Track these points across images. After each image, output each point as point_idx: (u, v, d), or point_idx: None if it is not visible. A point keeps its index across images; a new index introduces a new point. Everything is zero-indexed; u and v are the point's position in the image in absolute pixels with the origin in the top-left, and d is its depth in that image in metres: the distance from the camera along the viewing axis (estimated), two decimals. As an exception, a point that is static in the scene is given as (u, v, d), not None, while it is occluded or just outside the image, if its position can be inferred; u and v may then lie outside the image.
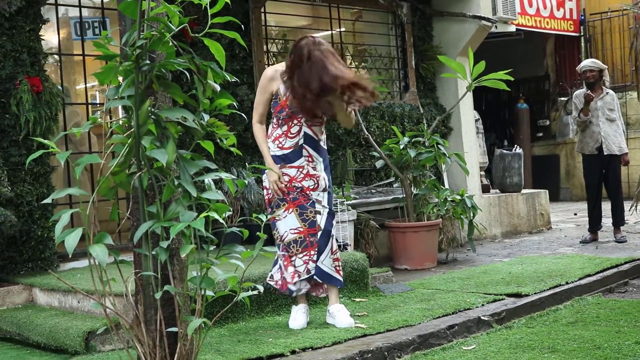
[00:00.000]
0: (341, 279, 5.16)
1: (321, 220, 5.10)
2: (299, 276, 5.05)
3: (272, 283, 5.21)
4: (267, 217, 4.55)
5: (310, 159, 5.12)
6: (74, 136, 6.92)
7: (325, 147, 5.26)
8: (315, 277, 5.08)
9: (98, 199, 2.98)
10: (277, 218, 5.11)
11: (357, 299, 5.89)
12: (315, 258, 5.06)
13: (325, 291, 5.27)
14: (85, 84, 7.64)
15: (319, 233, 5.08)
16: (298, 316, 5.14)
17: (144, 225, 2.87)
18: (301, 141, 5.09)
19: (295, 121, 5.06)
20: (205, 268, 2.96)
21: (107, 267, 2.83)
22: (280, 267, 5.16)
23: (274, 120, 5.16)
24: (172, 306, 2.97)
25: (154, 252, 2.88)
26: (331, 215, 5.17)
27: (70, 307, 5.51)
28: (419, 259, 7.81)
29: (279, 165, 5.09)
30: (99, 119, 3.17)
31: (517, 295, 5.90)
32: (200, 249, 2.93)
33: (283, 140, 5.10)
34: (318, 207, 5.11)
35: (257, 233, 3.21)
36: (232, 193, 3.30)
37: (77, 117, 7.41)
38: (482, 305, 5.61)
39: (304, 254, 5.05)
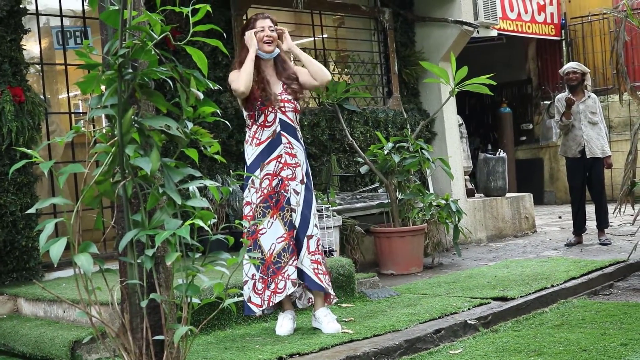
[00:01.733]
0: (321, 284, 5.05)
1: (296, 218, 5.06)
2: (288, 285, 4.99)
3: (255, 309, 5.04)
4: (247, 233, 4.54)
5: (289, 146, 5.12)
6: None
7: (303, 143, 5.27)
8: (302, 282, 5.07)
9: (82, 208, 2.98)
10: (260, 234, 5.01)
11: (344, 305, 5.90)
12: (296, 262, 5.03)
13: (309, 302, 5.26)
14: (68, 93, 7.62)
15: (295, 232, 5.06)
16: (284, 322, 5.12)
17: (129, 233, 2.86)
18: (278, 128, 5.10)
19: (270, 108, 5.09)
20: (191, 275, 2.96)
21: (93, 276, 2.83)
22: (255, 287, 5.04)
23: (248, 122, 5.18)
24: (158, 314, 2.97)
25: (139, 261, 2.88)
26: (306, 212, 5.09)
27: (56, 317, 5.49)
28: (405, 264, 7.82)
29: (258, 169, 5.08)
30: (82, 128, 3.16)
31: (503, 299, 5.92)
32: (186, 257, 2.94)
33: (260, 133, 5.12)
34: (293, 201, 5.06)
35: (241, 240, 3.22)
36: (217, 200, 3.31)
37: (52, 125, 7.37)
38: (469, 309, 5.63)
39: (292, 259, 5.02)
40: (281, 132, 5.12)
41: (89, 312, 2.91)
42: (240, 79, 5.03)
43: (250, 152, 5.17)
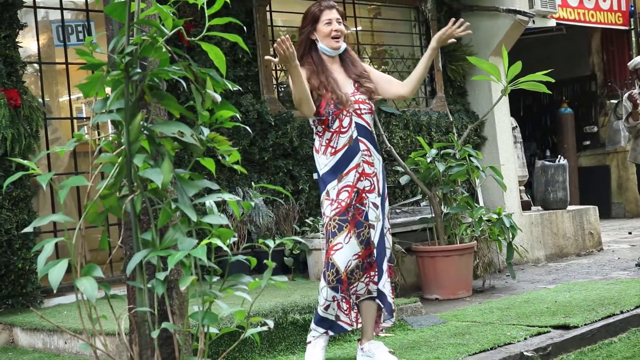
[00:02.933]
0: (392, 303, 5.13)
1: (375, 235, 5.05)
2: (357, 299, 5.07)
3: (346, 327, 5.11)
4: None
5: (368, 154, 5.07)
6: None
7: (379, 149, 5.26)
8: (377, 301, 5.07)
9: (85, 226, 3.00)
10: (333, 250, 4.98)
11: (382, 334, 5.89)
12: (376, 279, 5.04)
13: (378, 328, 5.28)
14: (70, 95, 7.68)
15: (374, 251, 5.04)
16: (315, 352, 5.04)
17: (138, 254, 2.87)
18: (355, 134, 5.04)
19: (344, 112, 5.03)
20: (208, 302, 2.96)
21: (97, 303, 2.84)
22: (340, 307, 5.07)
23: (319, 128, 5.11)
24: (172, 346, 2.98)
25: (149, 285, 2.89)
26: (385, 228, 5.14)
27: (57, 349, 5.53)
28: (452, 287, 7.79)
29: (335, 180, 5.02)
30: (85, 136, 3.19)
31: (565, 327, 5.88)
32: (202, 281, 2.94)
33: (335, 140, 5.05)
34: (372, 217, 5.04)
35: (265, 261, 3.22)
36: (237, 216, 3.31)
37: (56, 132, 7.46)
38: (525, 339, 5.59)
39: (365, 276, 5.03)
40: (358, 137, 5.06)
41: (93, 344, 2.93)
42: (302, 106, 4.98)
43: (325, 162, 5.08)
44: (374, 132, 5.19)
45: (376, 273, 5.03)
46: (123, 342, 3.00)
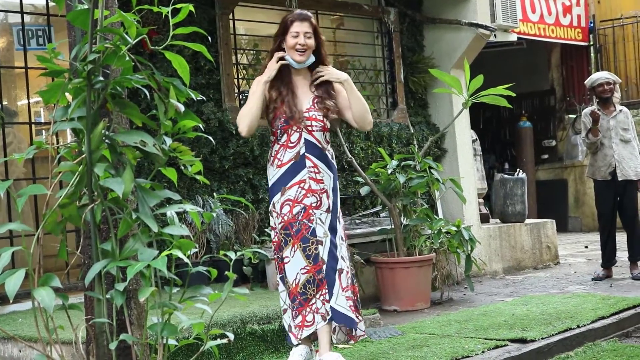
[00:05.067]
0: (357, 319, 5.06)
1: (323, 252, 5.02)
2: (317, 319, 4.99)
3: (294, 340, 5.10)
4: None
5: (315, 170, 5.06)
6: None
7: (334, 165, 5.21)
8: (333, 321, 5.01)
9: (43, 234, 2.97)
10: (285, 262, 5.04)
11: (340, 346, 5.88)
12: (327, 297, 4.99)
13: (350, 337, 5.22)
14: (29, 100, 7.60)
15: (324, 267, 5.01)
16: (292, 359, 5.07)
17: (97, 264, 2.85)
18: (302, 150, 5.04)
19: (294, 127, 5.04)
20: (168, 313, 2.95)
21: (54, 312, 2.81)
22: (292, 318, 5.08)
23: (271, 138, 5.19)
24: (130, 357, 2.96)
25: (108, 296, 2.87)
26: (334, 244, 5.06)
27: (10, 357, 5.46)
28: (410, 299, 7.81)
29: (279, 193, 5.07)
30: (45, 143, 3.15)
31: (522, 341, 5.91)
32: (162, 292, 2.93)
33: (282, 154, 5.08)
34: (319, 232, 5.03)
35: (226, 273, 3.21)
36: (198, 227, 3.30)
37: (9, 136, 7.35)
38: (483, 352, 5.61)
39: (319, 293, 4.99)
40: (306, 154, 5.06)
41: (50, 354, 2.90)
42: (242, 120, 5.09)
43: (272, 174, 5.13)
44: (326, 149, 5.15)
45: (327, 291, 4.99)
46: (80, 352, 2.97)
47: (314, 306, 4.98)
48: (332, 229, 5.08)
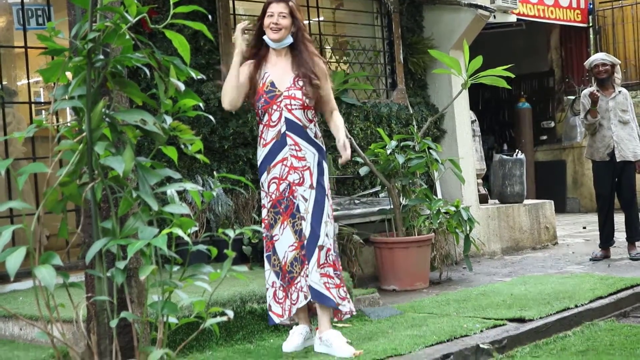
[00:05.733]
0: (333, 298, 5.08)
1: (305, 227, 5.10)
2: (301, 297, 5.10)
3: (276, 319, 5.21)
4: (266, 238, 4.59)
5: (296, 148, 5.14)
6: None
7: (319, 142, 5.26)
8: (310, 299, 5.09)
9: (44, 212, 2.96)
10: (275, 239, 5.14)
11: (340, 325, 5.89)
12: (307, 273, 5.07)
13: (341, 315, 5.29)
14: (28, 79, 7.58)
15: (305, 242, 5.09)
16: (292, 338, 5.18)
17: (98, 243, 2.85)
18: (283, 128, 5.13)
19: (274, 106, 5.14)
20: (168, 291, 2.94)
21: (55, 290, 2.81)
22: (276, 296, 5.18)
23: (257, 119, 5.31)
24: (130, 335, 2.95)
25: (108, 274, 2.87)
26: (316, 220, 5.12)
27: (11, 335, 5.47)
28: (409, 279, 7.82)
29: (265, 172, 5.19)
30: (45, 122, 3.14)
31: (520, 320, 5.92)
32: (162, 270, 2.92)
33: (265, 133, 5.20)
34: (302, 209, 5.11)
35: (225, 250, 3.20)
36: (198, 206, 3.29)
37: (9, 116, 7.32)
38: (481, 331, 5.62)
39: (302, 271, 5.08)
40: (286, 132, 5.14)
41: (50, 332, 2.90)
42: (224, 96, 5.24)
43: (259, 154, 5.28)
44: (307, 127, 5.20)
45: (307, 266, 5.08)
46: (81, 330, 2.97)
47: (298, 285, 5.10)
48: (318, 206, 5.14)
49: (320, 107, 5.34)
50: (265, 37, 5.22)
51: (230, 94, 5.18)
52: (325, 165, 5.25)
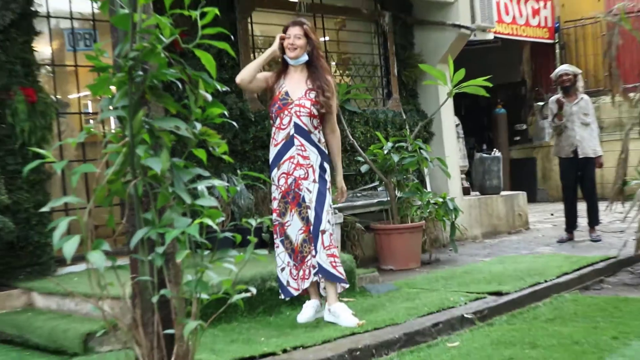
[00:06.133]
0: (340, 275, 5.15)
1: (311, 215, 5.15)
2: (308, 276, 5.18)
3: (294, 292, 5.28)
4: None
5: (302, 148, 5.18)
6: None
7: (322, 147, 5.26)
8: (319, 274, 5.15)
9: (94, 206, 2.96)
10: (286, 225, 5.20)
11: (345, 299, 5.89)
12: (314, 253, 5.13)
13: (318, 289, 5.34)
14: (78, 93, 7.60)
15: (311, 228, 5.14)
16: (306, 310, 5.29)
17: (140, 231, 2.85)
18: (292, 131, 5.17)
19: (285, 112, 5.18)
20: (200, 272, 2.94)
21: (105, 271, 2.81)
22: (291, 273, 5.25)
23: (271, 122, 5.34)
24: (168, 309, 2.95)
25: (150, 258, 2.87)
26: (319, 209, 5.14)
27: (69, 310, 5.48)
28: (404, 260, 7.82)
29: (276, 168, 5.23)
30: (93, 129, 3.14)
31: (498, 294, 5.92)
32: (195, 254, 2.92)
33: (277, 134, 5.23)
34: (307, 199, 5.16)
35: (248, 237, 3.21)
36: (224, 199, 3.29)
37: (62, 124, 7.33)
38: (465, 303, 5.62)
39: (312, 250, 5.14)
40: (294, 135, 5.19)
41: (101, 307, 2.90)
42: (243, 70, 5.33)
43: (271, 152, 5.31)
44: (312, 132, 5.21)
45: (314, 247, 5.13)
46: (127, 305, 2.98)
47: (308, 263, 5.17)
48: (321, 197, 5.16)
49: (322, 122, 5.31)
50: (285, 56, 5.27)
51: (247, 73, 5.25)
52: (326, 165, 5.27)
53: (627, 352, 4.32)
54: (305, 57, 5.27)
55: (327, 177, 5.24)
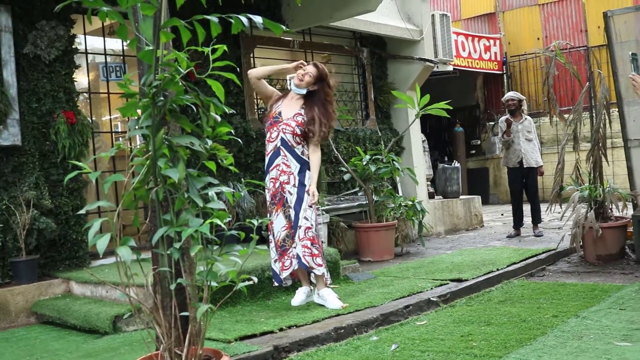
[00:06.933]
0: (306, 263, 5.03)
1: (293, 214, 5.12)
2: (294, 262, 5.10)
3: (288, 279, 5.26)
4: (265, 223, 4.57)
5: (286, 159, 5.14)
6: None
7: (305, 159, 5.17)
8: (299, 264, 5.12)
9: (122, 209, 2.94)
10: (272, 223, 5.15)
11: (331, 286, 5.86)
12: (295, 246, 5.10)
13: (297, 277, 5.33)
14: (110, 115, 7.57)
15: (292, 224, 5.11)
16: (297, 295, 5.25)
17: (160, 230, 2.83)
18: (278, 144, 5.15)
19: (275, 128, 5.17)
20: (210, 264, 2.92)
21: (131, 264, 2.79)
22: (283, 265, 5.16)
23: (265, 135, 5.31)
24: (184, 295, 2.93)
25: (168, 252, 2.84)
26: (297, 209, 5.08)
27: (100, 296, 5.45)
28: (380, 253, 7.81)
29: (267, 175, 5.20)
30: (122, 145, 3.12)
31: (459, 280, 5.92)
32: (206, 249, 2.90)
33: (267, 145, 5.22)
34: (289, 200, 5.12)
35: (251, 235, 3.19)
36: (231, 203, 3.27)
37: (97, 142, 7.29)
38: (431, 288, 5.62)
39: (292, 245, 5.09)
40: (280, 147, 5.16)
41: (128, 293, 2.88)
42: (259, 69, 5.37)
43: (265, 160, 5.27)
44: (295, 147, 5.14)
45: (294, 241, 5.10)
46: (149, 291, 2.95)
47: (290, 254, 5.11)
48: (299, 199, 5.12)
49: (306, 141, 5.22)
50: (291, 81, 5.29)
51: (259, 72, 5.29)
52: (306, 173, 5.16)
53: (565, 327, 4.31)
54: (304, 91, 5.21)
55: (307, 182, 5.18)
